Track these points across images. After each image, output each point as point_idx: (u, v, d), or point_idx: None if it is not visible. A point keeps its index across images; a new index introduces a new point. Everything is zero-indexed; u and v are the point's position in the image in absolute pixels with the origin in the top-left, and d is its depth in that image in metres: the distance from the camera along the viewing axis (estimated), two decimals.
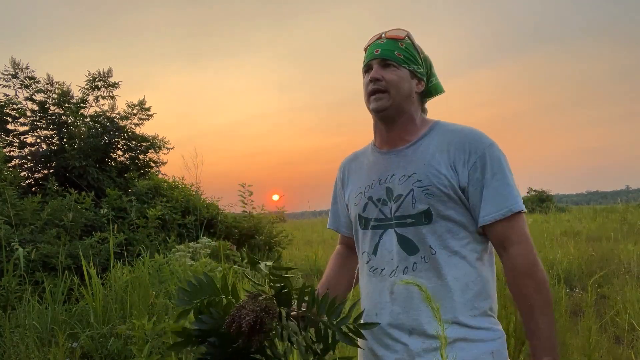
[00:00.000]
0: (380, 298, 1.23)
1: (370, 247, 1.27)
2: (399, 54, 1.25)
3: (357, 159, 1.42)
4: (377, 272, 1.24)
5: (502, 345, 1.20)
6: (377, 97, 1.23)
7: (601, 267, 6.26)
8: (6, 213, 4.48)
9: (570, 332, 2.97)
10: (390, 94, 1.23)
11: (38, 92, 6.53)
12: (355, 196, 1.33)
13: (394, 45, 1.25)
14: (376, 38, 1.29)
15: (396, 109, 1.25)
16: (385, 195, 1.25)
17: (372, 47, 1.28)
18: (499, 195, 1.15)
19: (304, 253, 8.82)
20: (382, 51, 1.25)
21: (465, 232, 1.20)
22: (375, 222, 1.26)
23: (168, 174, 7.64)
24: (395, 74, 1.24)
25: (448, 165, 1.19)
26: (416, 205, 1.19)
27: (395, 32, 1.27)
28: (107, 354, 3.02)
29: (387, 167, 1.27)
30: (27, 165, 6.47)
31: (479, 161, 1.17)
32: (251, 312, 0.91)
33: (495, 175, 1.16)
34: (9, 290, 3.63)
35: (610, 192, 74.52)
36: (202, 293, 1.00)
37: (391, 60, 1.24)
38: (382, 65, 1.24)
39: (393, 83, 1.23)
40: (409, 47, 1.27)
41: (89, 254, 4.22)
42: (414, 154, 1.24)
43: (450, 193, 1.17)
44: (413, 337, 1.17)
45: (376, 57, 1.25)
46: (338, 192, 1.49)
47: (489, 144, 1.19)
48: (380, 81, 1.23)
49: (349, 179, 1.42)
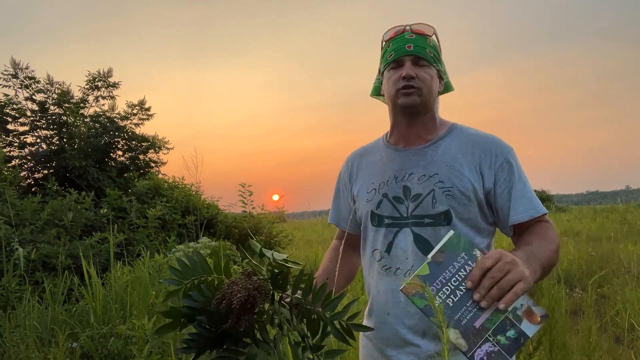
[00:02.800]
0: (394, 297, 1.22)
1: (383, 245, 1.25)
2: (430, 52, 1.23)
3: (367, 154, 1.39)
4: (391, 271, 1.23)
5: None
6: (408, 93, 1.21)
7: (601, 267, 6.27)
8: (6, 213, 4.48)
9: (570, 332, 2.97)
10: (422, 92, 1.22)
11: (38, 92, 6.53)
12: (368, 192, 1.31)
13: (425, 42, 1.23)
14: (402, 31, 1.25)
15: (424, 107, 1.24)
16: (402, 193, 1.23)
17: (401, 41, 1.24)
18: (526, 197, 1.17)
19: (304, 253, 8.82)
20: (415, 48, 1.22)
21: (481, 236, 1.21)
22: (389, 219, 1.24)
23: (168, 174, 7.65)
24: (428, 72, 1.23)
25: (472, 167, 1.19)
26: (436, 205, 1.18)
27: (423, 27, 1.25)
28: (107, 354, 3.02)
29: (404, 165, 1.26)
30: (27, 165, 6.47)
31: (506, 164, 1.18)
32: (243, 290, 0.87)
33: (520, 178, 1.18)
34: (9, 290, 3.63)
35: (610, 192, 74.46)
36: (194, 273, 0.95)
37: (424, 58, 1.22)
38: (415, 62, 1.22)
39: (426, 82, 1.22)
40: (435, 45, 1.26)
41: (89, 254, 4.22)
42: (434, 154, 1.23)
43: (471, 196, 1.17)
44: (426, 340, 1.17)
45: (409, 54, 1.22)
46: (342, 186, 1.46)
47: (510, 148, 1.22)
48: (414, 78, 1.21)
49: (357, 174, 1.39)
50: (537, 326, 0.89)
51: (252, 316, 0.88)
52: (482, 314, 0.90)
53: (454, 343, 0.89)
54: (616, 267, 6.24)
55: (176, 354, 2.65)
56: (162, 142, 7.32)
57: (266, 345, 0.91)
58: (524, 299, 0.90)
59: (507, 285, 0.88)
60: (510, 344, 0.88)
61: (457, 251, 0.94)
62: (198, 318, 0.93)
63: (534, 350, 2.30)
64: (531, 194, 1.18)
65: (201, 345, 0.93)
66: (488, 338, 0.88)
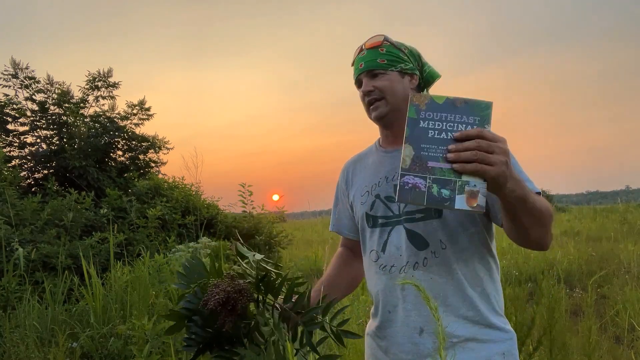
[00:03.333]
0: (392, 296, 1.23)
1: (378, 245, 1.27)
2: (381, 60, 1.27)
3: (361, 160, 1.43)
4: (387, 270, 1.24)
5: (513, 346, 1.20)
6: (375, 106, 1.27)
7: (601, 267, 6.27)
8: (6, 213, 4.48)
9: (570, 332, 2.97)
10: (387, 100, 1.26)
11: (38, 92, 6.54)
12: (362, 195, 1.33)
13: (375, 53, 1.28)
14: (358, 52, 1.32)
15: (395, 112, 1.26)
16: (393, 192, 1.25)
17: (357, 61, 1.31)
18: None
19: (304, 253, 8.82)
20: (366, 63, 1.27)
21: (475, 227, 1.20)
22: (383, 219, 1.26)
23: (168, 174, 7.66)
24: (385, 79, 1.26)
25: None
26: None
27: (372, 40, 1.30)
28: (107, 354, 3.02)
29: (394, 165, 1.28)
30: (27, 165, 6.48)
31: None
32: (222, 292, 0.92)
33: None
34: (9, 290, 3.63)
35: (610, 192, 74.55)
36: (199, 275, 1.02)
37: (376, 69, 1.26)
38: (370, 76, 1.27)
39: (386, 89, 1.25)
40: (389, 50, 1.28)
41: (89, 254, 4.22)
42: None
43: None
44: (423, 337, 1.17)
45: (362, 71, 1.28)
46: (340, 194, 1.49)
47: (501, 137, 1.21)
48: (373, 91, 1.26)
49: (353, 179, 1.42)
50: (468, 209, 0.92)
51: (234, 317, 0.92)
52: (442, 163, 0.94)
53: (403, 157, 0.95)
54: (616, 267, 6.24)
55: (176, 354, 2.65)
56: (162, 142, 7.32)
57: (256, 348, 0.94)
58: (481, 184, 0.92)
59: (479, 159, 0.90)
60: (436, 197, 0.92)
61: (477, 112, 0.97)
62: (194, 318, 0.97)
63: (534, 350, 2.31)
64: (522, 177, 1.14)
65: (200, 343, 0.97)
66: (427, 177, 0.93)
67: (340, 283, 1.43)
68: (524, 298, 2.75)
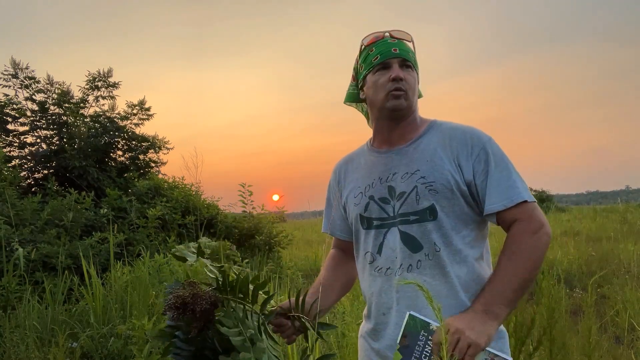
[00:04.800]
0: (387, 298, 1.23)
1: (374, 247, 1.26)
2: (412, 56, 1.26)
3: (353, 161, 1.41)
4: (382, 272, 1.24)
5: (505, 345, 1.19)
6: (397, 95, 1.22)
7: (601, 267, 6.26)
8: (6, 213, 4.48)
9: (570, 332, 2.97)
10: (409, 96, 1.23)
11: (38, 92, 6.54)
12: (355, 196, 1.32)
13: (407, 47, 1.26)
14: (382, 37, 1.27)
15: (409, 110, 1.26)
16: (387, 194, 1.24)
17: (385, 44, 1.25)
18: (502, 186, 1.15)
19: (304, 253, 8.82)
20: (401, 51, 1.24)
21: (468, 229, 1.20)
22: (378, 221, 1.25)
23: (168, 174, 7.65)
24: (412, 76, 1.25)
25: (451, 160, 1.20)
26: (420, 201, 1.18)
27: (403, 34, 1.27)
28: (107, 354, 3.02)
29: (387, 166, 1.27)
30: (27, 165, 6.48)
31: (482, 154, 1.18)
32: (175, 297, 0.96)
33: (498, 166, 1.17)
34: (9, 290, 3.63)
35: (610, 192, 74.43)
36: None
37: (410, 61, 1.25)
38: (402, 66, 1.24)
39: (411, 85, 1.24)
40: (414, 51, 1.29)
41: (89, 254, 4.22)
42: (415, 152, 1.25)
43: (453, 188, 1.17)
44: None
45: (396, 56, 1.23)
46: (332, 195, 1.47)
47: (488, 138, 1.22)
48: (402, 81, 1.22)
49: (345, 180, 1.40)
50: None
51: (199, 323, 0.97)
52: None
53: None
54: (616, 267, 6.24)
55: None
56: (162, 142, 7.32)
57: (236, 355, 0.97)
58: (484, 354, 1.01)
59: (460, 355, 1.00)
60: None
61: (417, 331, 1.07)
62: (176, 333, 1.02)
63: (534, 350, 2.30)
64: (509, 182, 1.15)
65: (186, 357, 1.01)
66: None
67: (336, 285, 1.41)
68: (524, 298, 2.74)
